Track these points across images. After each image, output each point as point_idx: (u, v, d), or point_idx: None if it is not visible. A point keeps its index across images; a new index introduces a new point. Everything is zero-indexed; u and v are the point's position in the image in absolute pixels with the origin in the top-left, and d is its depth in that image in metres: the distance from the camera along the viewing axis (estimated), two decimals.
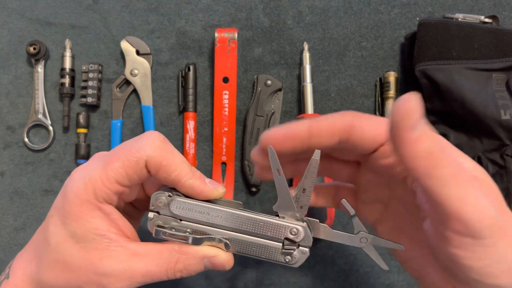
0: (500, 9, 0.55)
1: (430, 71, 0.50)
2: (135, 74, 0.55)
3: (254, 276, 0.54)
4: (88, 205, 0.30)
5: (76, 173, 0.31)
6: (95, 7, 0.56)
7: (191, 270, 0.32)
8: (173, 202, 0.32)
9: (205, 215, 0.32)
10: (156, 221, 0.32)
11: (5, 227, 0.54)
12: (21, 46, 0.55)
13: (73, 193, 0.30)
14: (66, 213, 0.30)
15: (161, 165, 0.30)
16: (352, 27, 0.55)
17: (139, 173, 0.31)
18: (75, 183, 0.31)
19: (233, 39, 0.52)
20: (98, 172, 0.30)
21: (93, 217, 0.30)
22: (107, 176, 0.30)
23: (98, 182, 0.30)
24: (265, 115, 0.53)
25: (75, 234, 0.30)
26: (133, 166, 0.30)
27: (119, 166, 0.30)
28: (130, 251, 0.31)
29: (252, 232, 0.32)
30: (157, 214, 0.32)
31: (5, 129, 0.55)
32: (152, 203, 0.32)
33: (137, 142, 0.31)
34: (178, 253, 0.32)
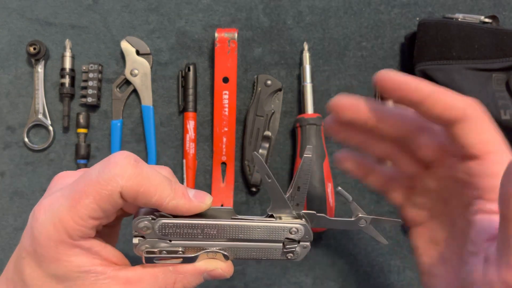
0: (500, 9, 0.55)
1: (430, 71, 0.50)
2: (135, 74, 0.55)
3: (254, 276, 0.54)
4: (63, 245, 0.27)
5: (40, 213, 0.28)
6: (95, 7, 0.56)
7: (191, 287, 0.31)
8: (158, 225, 0.29)
9: (197, 231, 0.30)
10: (143, 246, 0.29)
11: (5, 227, 0.54)
12: (21, 46, 0.55)
13: (43, 236, 0.27)
14: (40, 256, 0.28)
15: (138, 193, 0.27)
16: (352, 27, 0.55)
17: (114, 204, 0.27)
18: (43, 226, 0.27)
19: (233, 39, 0.52)
20: (67, 212, 0.27)
21: (72, 256, 0.27)
22: (79, 214, 0.27)
23: (70, 223, 0.27)
24: (265, 115, 0.53)
25: (56, 275, 0.28)
26: (106, 199, 0.27)
27: (90, 202, 0.27)
28: (122, 281, 0.29)
29: (251, 239, 0.30)
30: (142, 238, 0.29)
31: (5, 129, 0.55)
32: (134, 229, 0.29)
33: (104, 171, 0.27)
34: (174, 274, 0.30)
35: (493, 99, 0.49)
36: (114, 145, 0.54)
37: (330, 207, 0.50)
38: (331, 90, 0.55)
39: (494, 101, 0.49)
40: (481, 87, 0.50)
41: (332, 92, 0.55)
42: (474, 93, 0.49)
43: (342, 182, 0.54)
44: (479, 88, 0.50)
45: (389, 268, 0.53)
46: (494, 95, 0.50)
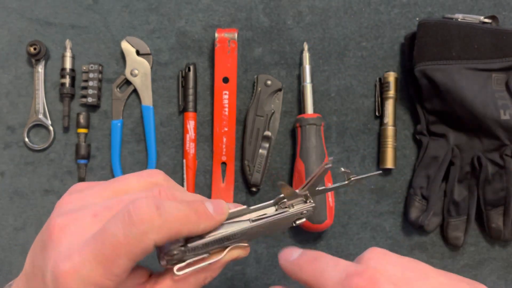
0: (500, 9, 0.55)
1: (429, 71, 0.50)
2: (135, 74, 0.55)
3: (254, 275, 0.54)
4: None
5: (69, 281, 0.26)
6: (95, 7, 0.56)
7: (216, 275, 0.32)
8: (188, 249, 0.30)
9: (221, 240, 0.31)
10: (172, 263, 0.30)
11: (5, 227, 0.54)
12: (21, 46, 0.56)
13: None
14: None
15: (170, 237, 0.27)
16: (352, 27, 0.55)
17: (147, 253, 0.27)
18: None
19: (233, 39, 0.52)
20: (102, 276, 0.26)
21: None
22: (115, 274, 0.26)
23: (105, 282, 0.26)
24: (265, 115, 0.53)
25: None
26: (139, 255, 0.26)
27: (124, 262, 0.26)
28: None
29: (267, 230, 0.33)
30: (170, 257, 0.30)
31: (5, 129, 0.55)
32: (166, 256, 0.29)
33: (132, 230, 0.26)
34: (203, 273, 0.31)
35: (493, 99, 0.49)
36: (114, 145, 0.54)
37: (330, 207, 0.50)
38: (331, 90, 0.55)
39: (494, 101, 0.49)
40: (481, 87, 0.50)
41: (332, 92, 0.55)
42: (473, 93, 0.49)
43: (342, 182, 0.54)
44: (479, 88, 0.50)
45: None
46: (494, 95, 0.50)
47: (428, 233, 0.54)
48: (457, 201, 0.51)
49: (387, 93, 0.54)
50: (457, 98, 0.49)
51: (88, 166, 0.55)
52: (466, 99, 0.49)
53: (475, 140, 0.52)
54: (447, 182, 0.52)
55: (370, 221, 0.54)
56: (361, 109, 0.55)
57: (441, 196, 0.52)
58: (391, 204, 0.54)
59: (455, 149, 0.52)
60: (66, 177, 0.55)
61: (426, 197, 0.52)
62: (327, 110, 0.55)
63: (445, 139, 0.52)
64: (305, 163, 0.50)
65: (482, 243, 0.54)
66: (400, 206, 0.54)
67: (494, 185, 0.50)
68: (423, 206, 0.52)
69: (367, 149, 0.55)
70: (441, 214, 0.52)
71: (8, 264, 0.54)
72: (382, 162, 0.53)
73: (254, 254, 0.54)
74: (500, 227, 0.51)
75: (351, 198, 0.54)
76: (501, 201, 0.50)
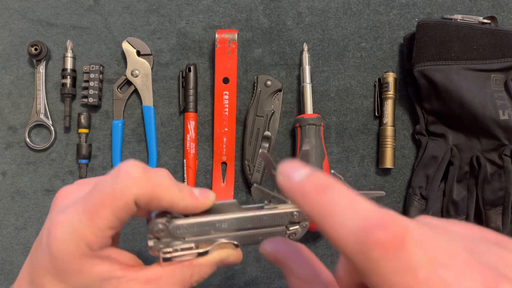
0: (499, 9, 0.55)
1: (429, 72, 0.50)
2: (136, 74, 0.55)
3: (254, 275, 0.54)
4: (85, 258, 0.28)
5: (58, 230, 0.28)
6: (96, 8, 0.56)
7: (206, 276, 0.32)
8: (172, 226, 0.30)
9: (208, 227, 0.31)
10: (159, 247, 0.31)
11: (7, 226, 0.55)
12: (22, 46, 0.56)
13: (65, 253, 0.28)
14: (63, 271, 0.28)
15: (151, 199, 0.28)
16: (351, 28, 0.56)
17: (130, 212, 0.29)
18: (63, 242, 0.28)
19: (233, 40, 0.53)
20: (86, 226, 0.28)
21: (94, 266, 0.29)
22: (98, 227, 0.28)
23: (90, 236, 0.28)
24: (265, 115, 0.54)
25: (80, 286, 0.29)
26: (122, 209, 0.28)
27: (108, 214, 0.28)
28: (142, 281, 0.30)
29: (258, 227, 0.32)
30: (156, 239, 0.31)
31: (7, 129, 0.56)
32: (150, 232, 0.30)
33: (118, 183, 0.28)
34: (190, 267, 0.31)
35: (492, 100, 0.50)
36: (115, 145, 0.54)
37: None
38: (330, 91, 0.55)
39: (493, 102, 0.49)
40: (480, 88, 0.50)
41: (332, 93, 0.55)
42: (472, 94, 0.49)
43: None
44: (478, 88, 0.50)
45: None
46: (492, 96, 0.50)
47: None
48: (456, 201, 0.51)
49: (386, 93, 0.54)
50: (456, 98, 0.50)
51: (89, 166, 0.55)
52: (465, 99, 0.49)
53: (474, 140, 0.52)
54: (446, 182, 0.52)
55: None
56: (361, 109, 0.55)
57: (440, 196, 0.52)
58: (390, 204, 0.54)
59: (454, 149, 0.52)
60: (67, 177, 0.55)
61: (425, 197, 0.52)
62: (326, 110, 0.55)
63: (444, 139, 0.53)
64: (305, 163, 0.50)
65: None
66: (399, 206, 0.54)
67: (493, 185, 0.50)
68: (422, 206, 0.52)
69: (366, 149, 0.55)
70: (440, 214, 0.53)
71: (9, 263, 0.54)
72: (381, 162, 0.54)
73: (254, 254, 0.54)
74: (499, 226, 0.51)
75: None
76: (500, 201, 0.51)
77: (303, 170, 0.22)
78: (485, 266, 0.19)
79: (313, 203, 0.20)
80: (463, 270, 0.18)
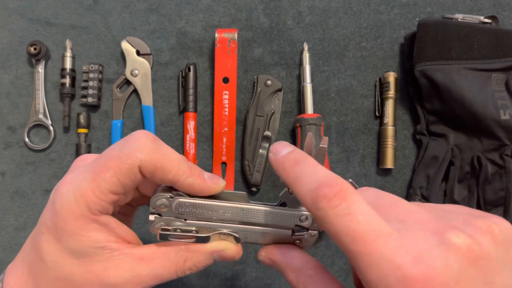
0: (500, 9, 0.55)
1: (429, 71, 0.50)
2: (136, 74, 0.55)
3: (254, 275, 0.54)
4: (83, 219, 0.28)
5: (63, 187, 0.29)
6: (96, 7, 0.56)
7: (201, 266, 0.31)
8: (175, 203, 0.30)
9: (212, 213, 0.30)
10: (159, 224, 0.31)
11: (6, 226, 0.55)
12: (21, 46, 0.56)
13: (65, 210, 0.28)
14: (60, 230, 0.29)
15: (156, 168, 0.28)
16: (352, 28, 0.56)
17: (133, 179, 0.29)
18: (65, 199, 0.28)
19: (233, 40, 0.52)
20: (89, 185, 0.28)
21: (90, 231, 0.29)
22: (100, 188, 0.28)
23: (90, 196, 0.28)
24: (265, 115, 0.54)
25: (73, 250, 0.29)
26: (126, 173, 0.28)
27: (111, 176, 0.28)
28: (135, 257, 0.30)
29: (262, 224, 0.31)
30: (158, 216, 0.30)
31: (6, 129, 0.55)
32: (152, 206, 0.30)
33: (125, 147, 0.28)
34: (185, 252, 0.31)
35: (493, 99, 0.49)
36: None
37: None
38: (330, 90, 0.55)
39: (494, 101, 0.49)
40: (481, 87, 0.50)
41: (332, 92, 0.55)
42: (473, 93, 0.49)
43: None
44: (479, 88, 0.50)
45: None
46: (493, 95, 0.50)
47: None
48: (457, 201, 0.51)
49: (387, 93, 0.54)
50: (457, 98, 0.50)
51: None
52: (466, 99, 0.49)
53: (475, 140, 0.52)
54: (447, 182, 0.52)
55: None
56: (361, 109, 0.55)
57: (441, 196, 0.52)
58: None
59: (455, 149, 0.52)
60: None
61: (426, 197, 0.52)
62: (327, 110, 0.55)
63: (445, 139, 0.52)
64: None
65: None
66: None
67: (494, 185, 0.50)
68: None
69: (367, 149, 0.55)
70: None
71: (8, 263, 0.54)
72: (382, 162, 0.53)
73: (254, 254, 0.54)
74: None
75: None
76: (501, 201, 0.50)
77: (287, 148, 0.27)
78: (440, 219, 0.23)
79: (289, 171, 0.26)
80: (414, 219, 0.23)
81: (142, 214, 0.52)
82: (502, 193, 0.50)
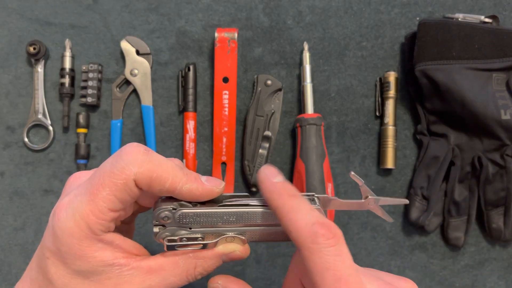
0: (500, 9, 0.55)
1: (430, 71, 0.50)
2: (135, 74, 0.55)
3: (254, 276, 0.54)
4: (87, 241, 0.28)
5: (61, 212, 0.28)
6: (95, 7, 0.56)
7: (211, 270, 0.31)
8: (178, 214, 0.30)
9: (215, 219, 0.30)
10: (164, 234, 0.30)
11: (5, 227, 0.54)
12: (21, 46, 0.55)
13: (66, 234, 0.28)
14: (65, 254, 0.28)
15: (152, 179, 0.28)
16: (352, 27, 0.55)
17: (130, 194, 0.28)
18: (64, 224, 0.28)
19: (233, 39, 0.52)
20: (87, 206, 0.28)
21: (96, 251, 0.28)
22: (99, 208, 0.28)
23: (90, 217, 0.27)
24: (265, 115, 0.53)
25: (81, 271, 0.28)
26: (122, 189, 0.28)
27: (108, 194, 0.27)
28: (145, 270, 0.30)
29: (268, 224, 0.31)
30: (162, 226, 0.30)
31: (5, 129, 0.55)
32: (155, 219, 0.30)
33: (118, 162, 0.28)
34: (194, 259, 0.31)
35: (493, 99, 0.49)
36: (114, 145, 0.54)
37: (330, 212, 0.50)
38: (331, 90, 0.55)
39: (495, 101, 0.49)
40: (481, 87, 0.50)
41: (332, 92, 0.55)
42: (474, 93, 0.49)
43: (342, 182, 0.54)
44: (479, 88, 0.49)
45: (389, 268, 0.53)
46: (494, 95, 0.50)
47: (429, 233, 0.54)
48: (457, 201, 0.51)
49: (387, 93, 0.54)
50: (458, 98, 0.49)
51: (88, 166, 0.55)
52: (467, 99, 0.49)
53: (476, 140, 0.51)
54: (447, 182, 0.52)
55: (370, 221, 0.54)
56: (362, 109, 0.55)
57: (441, 196, 0.52)
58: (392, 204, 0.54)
59: (456, 149, 0.52)
60: (65, 177, 0.55)
61: (426, 197, 0.52)
62: (327, 110, 0.55)
63: (445, 139, 0.52)
64: (305, 163, 0.50)
65: (483, 243, 0.54)
66: (401, 206, 0.54)
67: (495, 185, 0.50)
68: (423, 206, 0.52)
69: (367, 149, 0.55)
70: (441, 214, 0.52)
71: (7, 264, 0.54)
72: (382, 162, 0.53)
73: (254, 254, 0.54)
74: (500, 227, 0.51)
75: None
76: (501, 201, 0.50)
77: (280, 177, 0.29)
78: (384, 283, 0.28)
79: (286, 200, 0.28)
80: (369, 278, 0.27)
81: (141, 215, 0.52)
82: (503, 193, 0.50)
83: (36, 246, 0.54)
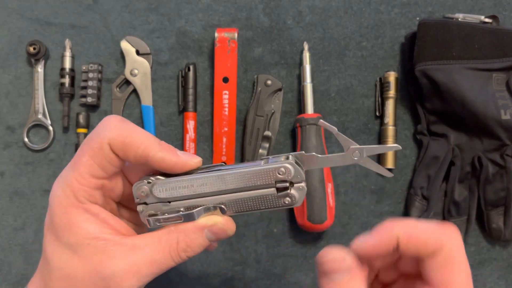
0: (500, 9, 0.55)
1: (430, 71, 0.50)
2: (135, 74, 0.55)
3: (254, 276, 0.54)
4: (73, 209, 0.30)
5: (54, 184, 0.31)
6: (95, 7, 0.56)
7: (195, 246, 0.31)
8: (154, 187, 0.30)
9: (190, 188, 0.30)
10: (147, 212, 0.31)
11: (5, 227, 0.54)
12: (21, 46, 0.55)
13: (56, 204, 0.30)
14: (56, 225, 0.30)
15: (125, 143, 0.29)
16: (352, 27, 0.55)
17: (108, 159, 0.30)
18: (55, 193, 0.30)
19: (233, 39, 0.52)
20: (71, 174, 0.30)
21: (82, 222, 0.30)
22: (80, 173, 0.29)
23: (73, 183, 0.29)
24: (265, 115, 0.53)
25: (70, 245, 0.30)
26: (98, 154, 0.30)
27: (87, 159, 0.30)
28: (129, 247, 0.30)
29: (242, 188, 0.30)
30: (145, 205, 0.31)
31: (5, 129, 0.55)
32: (135, 195, 0.31)
33: (95, 130, 0.30)
34: (176, 233, 0.31)
35: (493, 99, 0.49)
36: None
37: (330, 207, 0.50)
38: (331, 90, 0.55)
39: (495, 101, 0.49)
40: (481, 87, 0.50)
41: (332, 92, 0.55)
42: (474, 93, 0.49)
43: (342, 182, 0.54)
44: (480, 88, 0.49)
45: None
46: (494, 95, 0.50)
47: None
48: (457, 201, 0.51)
49: (387, 93, 0.54)
50: (458, 98, 0.49)
51: None
52: (467, 99, 0.49)
53: (476, 140, 0.51)
54: (447, 182, 0.52)
55: (371, 221, 0.54)
56: (362, 109, 0.55)
57: (441, 196, 0.52)
58: (392, 204, 0.54)
59: (456, 149, 0.52)
60: None
61: (426, 197, 0.52)
62: (327, 110, 0.55)
63: (445, 139, 0.52)
64: None
65: (483, 243, 0.54)
66: (401, 206, 0.54)
67: (495, 185, 0.50)
68: (423, 206, 0.52)
69: None
70: (441, 214, 0.52)
71: (7, 264, 0.54)
72: (382, 162, 0.53)
73: (254, 254, 0.54)
74: (500, 227, 0.51)
75: (351, 198, 0.54)
76: (501, 201, 0.50)
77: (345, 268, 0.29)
78: None
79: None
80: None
81: None
82: (503, 193, 0.50)
83: (36, 246, 0.54)
